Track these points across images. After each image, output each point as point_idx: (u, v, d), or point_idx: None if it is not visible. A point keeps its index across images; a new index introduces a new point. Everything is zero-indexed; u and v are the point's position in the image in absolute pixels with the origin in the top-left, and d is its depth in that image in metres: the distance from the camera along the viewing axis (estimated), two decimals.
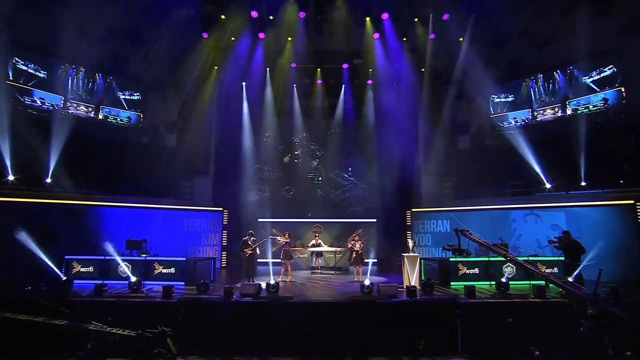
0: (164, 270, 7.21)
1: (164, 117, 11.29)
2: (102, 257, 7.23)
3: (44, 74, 8.83)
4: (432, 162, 11.36)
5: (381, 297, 5.73)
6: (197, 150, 11.03)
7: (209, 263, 7.88)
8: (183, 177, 11.24)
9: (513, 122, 10.63)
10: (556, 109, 9.77)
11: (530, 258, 7.26)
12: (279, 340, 5.34)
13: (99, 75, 9.90)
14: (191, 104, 11.07)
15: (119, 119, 10.43)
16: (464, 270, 7.33)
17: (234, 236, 10.57)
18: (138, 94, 10.60)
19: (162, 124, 11.30)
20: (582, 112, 9.16)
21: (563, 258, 6.45)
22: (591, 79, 8.98)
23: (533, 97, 10.32)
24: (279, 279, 8.49)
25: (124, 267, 7.05)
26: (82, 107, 9.64)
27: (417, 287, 6.25)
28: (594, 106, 9.01)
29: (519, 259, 6.24)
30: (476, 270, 7.36)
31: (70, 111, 9.31)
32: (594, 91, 8.93)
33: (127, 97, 10.56)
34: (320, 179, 12.12)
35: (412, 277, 6.75)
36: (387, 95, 11.81)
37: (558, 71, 9.66)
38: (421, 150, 11.78)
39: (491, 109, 10.81)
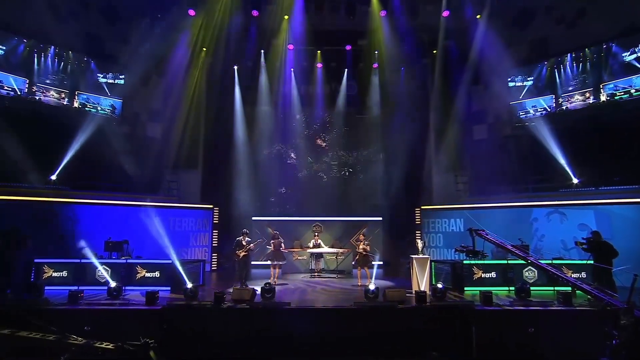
0: (148, 274, 7.21)
1: (146, 104, 11.16)
2: (78, 260, 7.16)
3: (1, 50, 8.48)
4: (444, 155, 11.31)
5: (387, 303, 5.71)
6: (183, 141, 10.90)
7: (197, 266, 7.87)
8: (168, 171, 11.17)
9: (532, 111, 10.46)
10: (587, 95, 9.45)
11: (555, 261, 7.23)
12: (275, 351, 5.34)
13: (70, 54, 9.57)
14: (177, 89, 10.91)
15: (99, 108, 10.21)
16: (479, 274, 7.34)
17: (226, 236, 10.68)
18: (123, 76, 10.33)
19: (144, 111, 11.18)
20: (620, 97, 8.76)
21: (592, 261, 6.39)
22: (634, 56, 8.37)
23: (558, 81, 10.08)
24: (272, 281, 8.59)
25: (103, 271, 6.98)
26: (52, 93, 9.37)
27: (427, 292, 6.23)
28: (636, 90, 8.53)
29: (542, 262, 6.23)
30: (493, 275, 7.35)
31: (37, 97, 9.07)
32: (637, 70, 8.40)
33: (110, 81, 10.28)
34: (320, 173, 12.16)
35: (421, 281, 6.78)
36: (395, 81, 11.78)
37: (592, 49, 9.24)
38: (432, 141, 11.72)
39: (511, 95, 10.66)
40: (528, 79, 10.59)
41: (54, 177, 8.73)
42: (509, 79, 10.72)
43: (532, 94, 10.45)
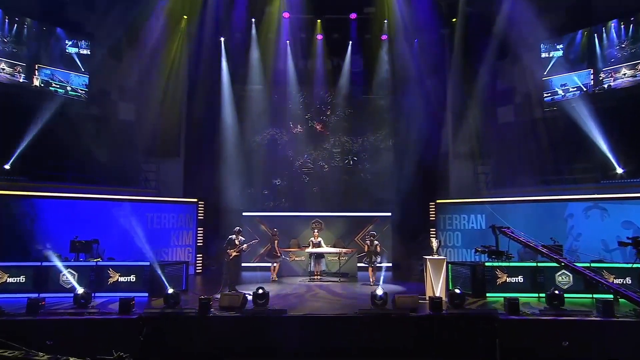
0: (122, 279, 7.14)
1: (117, 81, 10.91)
2: (38, 264, 7.05)
3: None
4: (463, 141, 11.27)
5: (398, 311, 5.66)
6: (163, 125, 10.74)
7: (180, 268, 7.86)
8: (145, 160, 11.05)
9: (561, 91, 10.11)
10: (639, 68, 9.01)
11: (593, 264, 7.09)
12: None
13: (29, 21, 9.16)
14: (153, 64, 10.72)
15: (69, 87, 9.87)
16: (503, 278, 7.24)
17: (212, 234, 10.64)
18: (89, 48, 9.97)
19: (115, 90, 10.91)
20: None
21: (639, 265, 6.23)
22: None
23: (598, 54, 9.66)
24: (273, 278, 9.12)
25: (68, 276, 6.89)
26: (2, 66, 8.94)
27: (444, 298, 6.20)
28: None
29: (578, 265, 6.17)
30: (520, 279, 7.24)
31: None
32: None
33: (84, 52, 9.89)
34: (320, 162, 12.06)
35: (436, 285, 6.74)
36: (407, 55, 11.57)
37: None
38: (450, 125, 11.64)
39: (543, 71, 10.38)
40: (557, 46, 10.14)
41: (7, 167, 8.57)
42: (542, 52, 10.45)
43: (563, 69, 10.14)
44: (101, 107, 10.54)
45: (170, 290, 5.90)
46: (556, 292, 5.94)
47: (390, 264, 11.01)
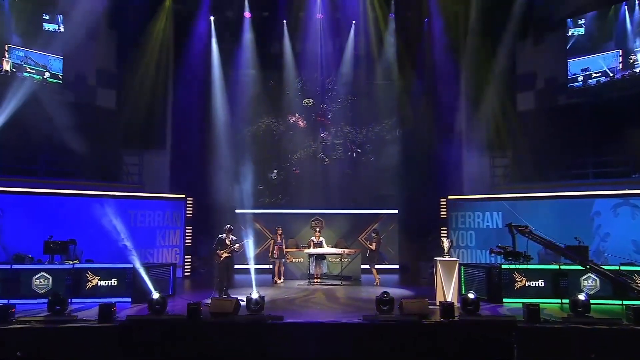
0: (102, 283, 7.11)
1: (96, 64, 10.74)
2: (7, 267, 7.01)
3: None
4: (479, 130, 11.00)
5: (405, 317, 5.64)
6: (146, 113, 10.56)
7: (166, 271, 7.86)
8: (127, 151, 10.96)
9: (581, 77, 9.84)
10: None
11: (623, 267, 7.01)
12: None
13: None
14: (135, 45, 10.55)
15: (48, 74, 9.61)
16: (522, 282, 7.20)
17: (202, 234, 10.59)
18: (62, 24, 9.74)
19: (94, 74, 10.75)
20: None
21: None
22: None
23: (630, 32, 9.39)
24: (278, 281, 9.35)
25: (42, 280, 6.85)
26: None
27: (456, 303, 6.23)
28: None
29: (605, 268, 6.07)
30: (541, 283, 7.20)
31: None
32: None
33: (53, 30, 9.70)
34: (321, 155, 11.99)
35: (448, 290, 6.75)
36: (416, 35, 11.45)
37: None
38: (463, 113, 11.42)
39: (568, 53, 10.18)
40: (581, 23, 9.84)
41: None
42: (566, 32, 10.19)
43: (588, 50, 9.85)
44: (77, 93, 10.38)
45: (156, 295, 5.87)
46: (581, 297, 5.89)
47: (396, 266, 11.07)
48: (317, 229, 10.07)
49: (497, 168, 11.18)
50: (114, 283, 7.08)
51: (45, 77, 9.77)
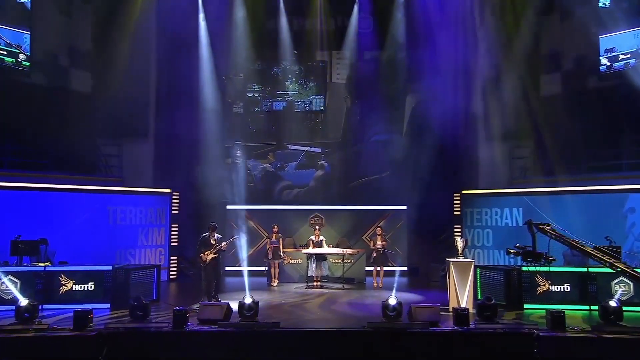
0: (77, 287, 7.06)
1: (69, 43, 10.58)
2: None
3: None
4: (496, 117, 10.95)
5: (414, 325, 5.64)
6: (127, 98, 10.47)
7: (149, 274, 7.85)
8: (105, 140, 10.93)
9: (606, 61, 9.57)
10: None
11: None
12: None
13: None
14: (114, 21, 10.39)
15: (22, 57, 9.31)
16: (545, 286, 7.17)
17: (190, 232, 10.46)
18: None
19: (66, 54, 10.59)
20: None
21: None
22: None
23: None
24: (273, 283, 9.42)
25: (8, 284, 6.73)
26: None
27: (471, 309, 6.21)
28: None
29: None
30: (566, 287, 7.17)
31: None
32: None
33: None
34: (320, 148, 11.91)
35: (462, 294, 6.74)
36: (428, 13, 11.24)
37: None
38: (480, 97, 11.32)
39: (600, 30, 9.92)
40: None
41: None
42: (599, 4, 9.95)
43: (620, 25, 9.60)
44: (48, 75, 10.20)
45: (138, 301, 5.87)
46: (612, 304, 5.84)
47: (405, 268, 10.97)
48: (317, 227, 10.03)
49: (518, 159, 11.09)
50: (91, 287, 7.03)
51: (20, 59, 9.41)
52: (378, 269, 9.34)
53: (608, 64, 9.80)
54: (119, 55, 10.42)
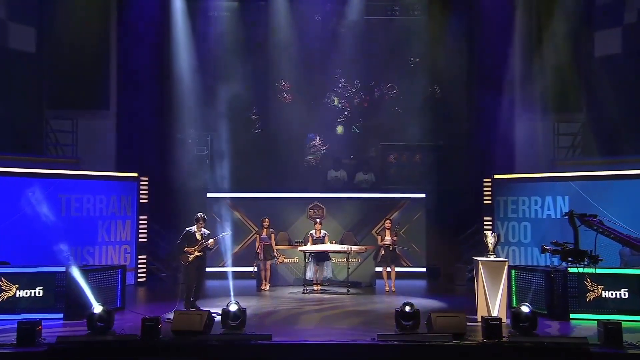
0: (22, 293, 6.99)
1: None
2: None
3: None
4: (537, 85, 10.74)
5: (435, 337, 5.59)
6: (81, 60, 10.34)
7: (112, 276, 7.84)
8: (55, 112, 10.75)
9: None
10: None
11: None
12: None
13: None
14: None
15: None
16: (597, 291, 7.06)
17: (163, 225, 10.52)
18: None
19: (3, 2, 10.29)
20: None
21: None
22: None
23: None
24: (264, 288, 9.37)
25: None
26: None
27: (504, 319, 6.18)
28: None
29: None
30: (623, 294, 7.03)
31: None
32: None
33: None
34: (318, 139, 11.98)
35: (493, 301, 6.72)
36: None
37: None
38: (517, 60, 11.10)
39: None
40: None
41: None
42: None
43: None
44: None
45: (98, 309, 5.84)
46: None
47: (423, 269, 11.02)
48: (318, 220, 9.95)
49: (563, 136, 11.00)
50: (39, 293, 6.97)
51: None
52: (388, 269, 9.32)
53: None
54: (70, 6, 10.27)
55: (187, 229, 7.51)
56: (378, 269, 9.66)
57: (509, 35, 11.06)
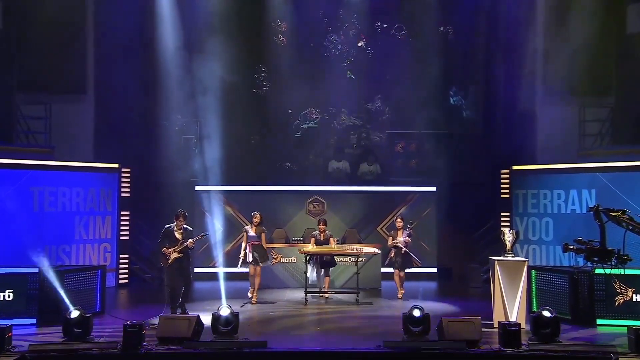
0: None
1: None
2: None
3: None
4: (561, 66, 10.70)
5: (446, 344, 5.66)
6: (57, 39, 10.44)
7: (91, 277, 7.93)
8: (25, 97, 10.81)
9: None
10: None
11: None
12: None
13: None
14: None
15: None
16: (627, 294, 7.07)
17: (146, 222, 10.61)
18: None
19: None
20: None
21: None
22: None
23: None
24: (251, 297, 8.88)
25: None
26: None
27: (523, 325, 6.24)
28: None
29: None
30: None
31: None
32: None
33: None
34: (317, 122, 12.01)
35: (511, 305, 6.81)
36: None
37: None
38: (541, 38, 11.12)
39: None
40: None
41: None
42: None
43: None
44: None
45: (75, 313, 5.88)
46: None
47: (434, 269, 11.10)
48: (322, 222, 9.48)
49: (591, 122, 11.02)
50: (9, 297, 7.00)
51: None
52: (401, 274, 9.01)
53: None
54: None
55: (166, 226, 7.53)
56: (385, 270, 9.60)
57: (531, 8, 11.04)
